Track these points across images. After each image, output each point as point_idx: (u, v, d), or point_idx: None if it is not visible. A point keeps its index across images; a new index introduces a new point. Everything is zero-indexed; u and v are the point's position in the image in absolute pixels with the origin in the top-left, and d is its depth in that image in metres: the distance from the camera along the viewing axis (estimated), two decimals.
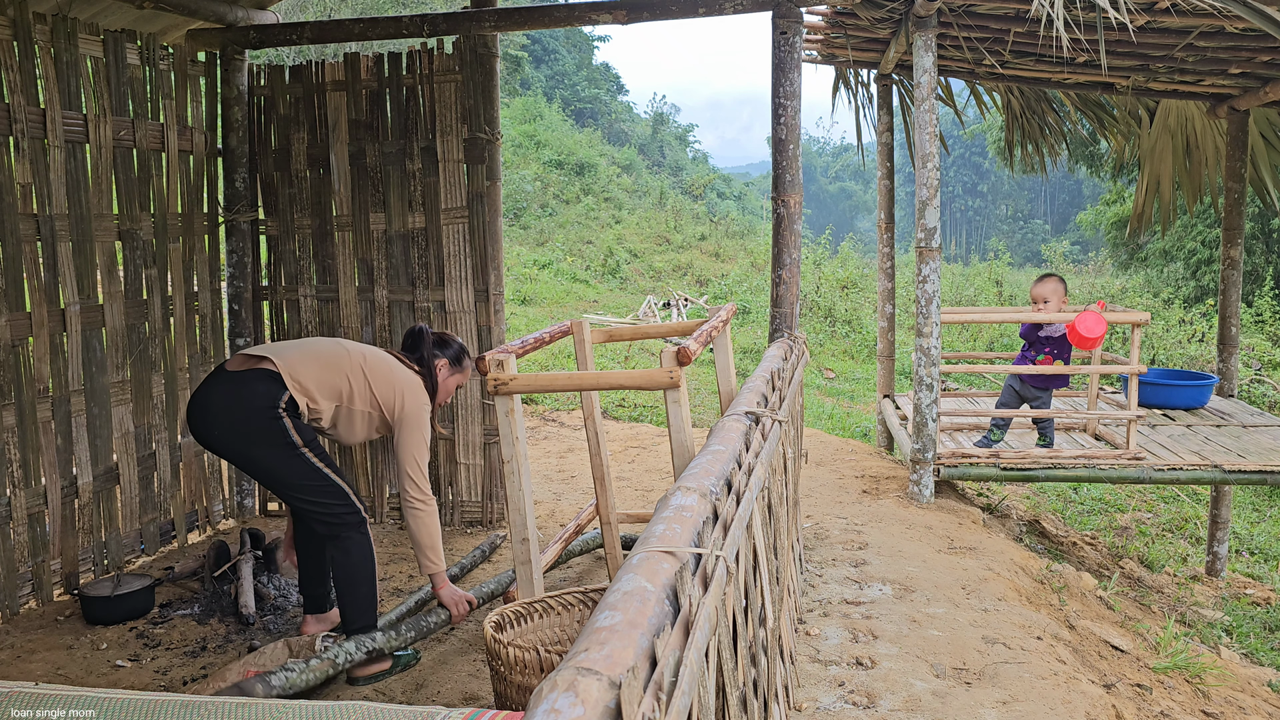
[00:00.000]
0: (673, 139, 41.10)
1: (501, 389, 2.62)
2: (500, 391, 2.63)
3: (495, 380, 2.63)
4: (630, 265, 16.54)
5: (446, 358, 3.42)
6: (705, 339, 2.80)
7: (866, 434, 8.00)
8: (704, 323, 3.15)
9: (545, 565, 3.05)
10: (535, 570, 2.76)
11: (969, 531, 4.43)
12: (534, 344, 3.15)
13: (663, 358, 2.48)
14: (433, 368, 3.34)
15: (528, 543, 2.73)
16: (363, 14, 15.78)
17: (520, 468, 2.69)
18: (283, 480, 3.00)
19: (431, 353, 3.37)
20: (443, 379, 3.40)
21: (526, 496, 2.71)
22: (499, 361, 2.67)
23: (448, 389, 3.46)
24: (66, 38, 3.71)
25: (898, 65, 6.13)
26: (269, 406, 2.92)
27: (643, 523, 4.07)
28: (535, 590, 2.77)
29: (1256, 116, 6.31)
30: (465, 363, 3.49)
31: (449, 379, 3.44)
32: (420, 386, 3.23)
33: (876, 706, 2.65)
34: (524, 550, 2.75)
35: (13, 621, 3.51)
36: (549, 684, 0.81)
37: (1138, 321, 4.72)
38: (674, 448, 2.56)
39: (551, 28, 5.64)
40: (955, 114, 6.70)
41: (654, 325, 3.38)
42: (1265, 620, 5.26)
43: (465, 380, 3.54)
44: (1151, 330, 12.43)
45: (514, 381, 2.62)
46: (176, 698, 1.74)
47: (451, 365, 3.44)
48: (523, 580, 2.78)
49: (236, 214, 4.65)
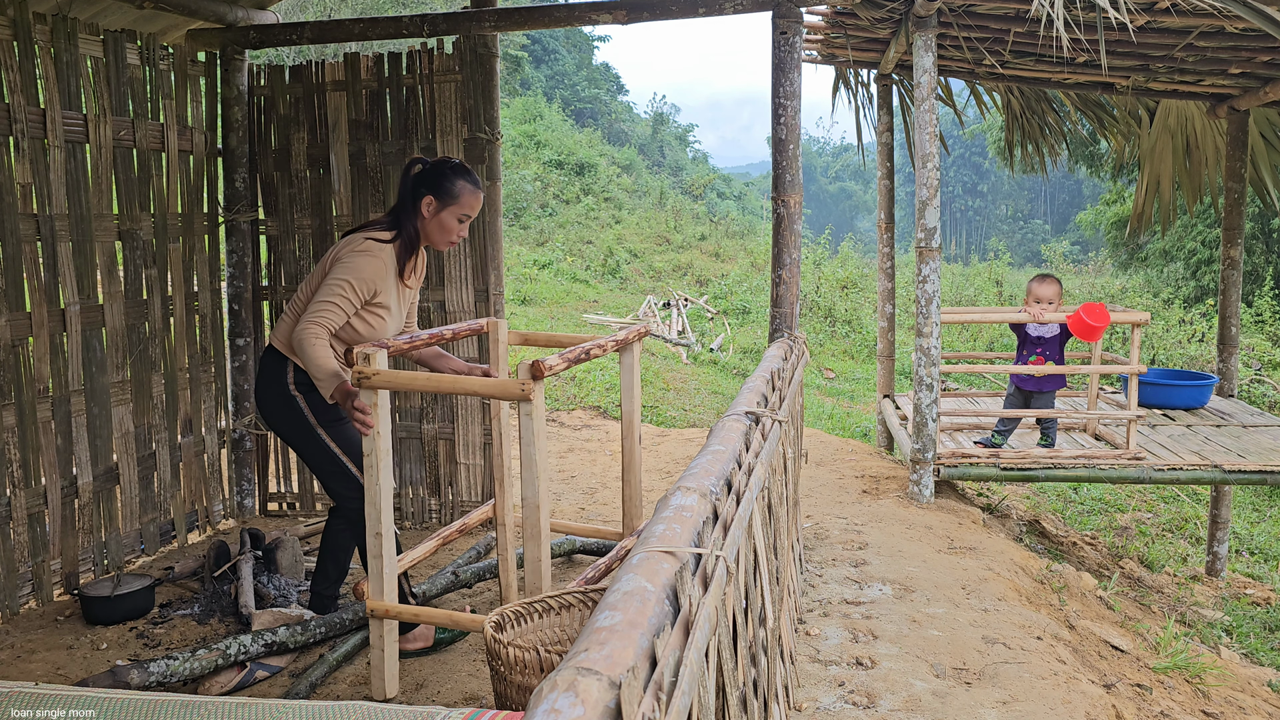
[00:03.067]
0: (673, 139, 41.11)
1: (365, 383, 2.67)
2: (364, 385, 2.67)
3: (359, 373, 2.66)
4: (630, 265, 16.54)
5: (433, 194, 2.96)
6: (574, 357, 2.74)
7: (866, 434, 8.00)
8: (588, 340, 2.95)
9: (409, 564, 3.03)
10: (387, 565, 2.78)
11: (969, 531, 4.43)
12: (423, 342, 3.00)
13: (518, 370, 2.53)
14: (412, 209, 2.98)
15: (380, 538, 2.77)
16: (363, 14, 15.78)
17: (379, 461, 2.72)
18: (305, 460, 3.09)
19: (409, 193, 2.97)
20: (430, 217, 2.98)
21: (385, 491, 2.74)
22: (366, 355, 2.68)
23: (444, 226, 3.00)
24: (66, 38, 3.71)
25: (898, 65, 6.13)
26: (278, 384, 2.98)
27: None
28: (385, 588, 2.78)
29: (1256, 116, 6.31)
30: (458, 186, 2.97)
31: (439, 214, 2.98)
32: (360, 241, 2.89)
33: (876, 706, 2.65)
34: (376, 544, 2.78)
35: (13, 621, 3.51)
36: (549, 684, 0.81)
37: (1138, 321, 4.73)
38: (523, 460, 2.60)
39: (551, 28, 5.65)
40: (955, 114, 6.71)
41: (566, 335, 3.32)
42: (1265, 620, 5.26)
43: (468, 208, 3.01)
44: (1151, 330, 12.43)
45: (377, 376, 2.66)
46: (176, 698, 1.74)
47: (440, 198, 2.97)
48: (373, 574, 2.81)
49: (236, 214, 4.65)
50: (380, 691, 2.84)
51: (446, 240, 3.04)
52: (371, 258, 2.89)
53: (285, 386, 3.00)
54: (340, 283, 2.84)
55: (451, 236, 3.03)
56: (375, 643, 2.84)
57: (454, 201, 2.99)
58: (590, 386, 8.37)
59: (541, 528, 2.63)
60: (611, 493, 5.45)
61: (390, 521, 2.79)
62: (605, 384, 8.39)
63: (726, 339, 12.35)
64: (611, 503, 5.22)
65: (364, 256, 2.88)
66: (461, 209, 3.01)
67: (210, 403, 4.57)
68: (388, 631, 2.83)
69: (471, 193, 3.02)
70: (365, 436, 2.72)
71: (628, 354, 3.22)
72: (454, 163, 3.03)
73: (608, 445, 6.82)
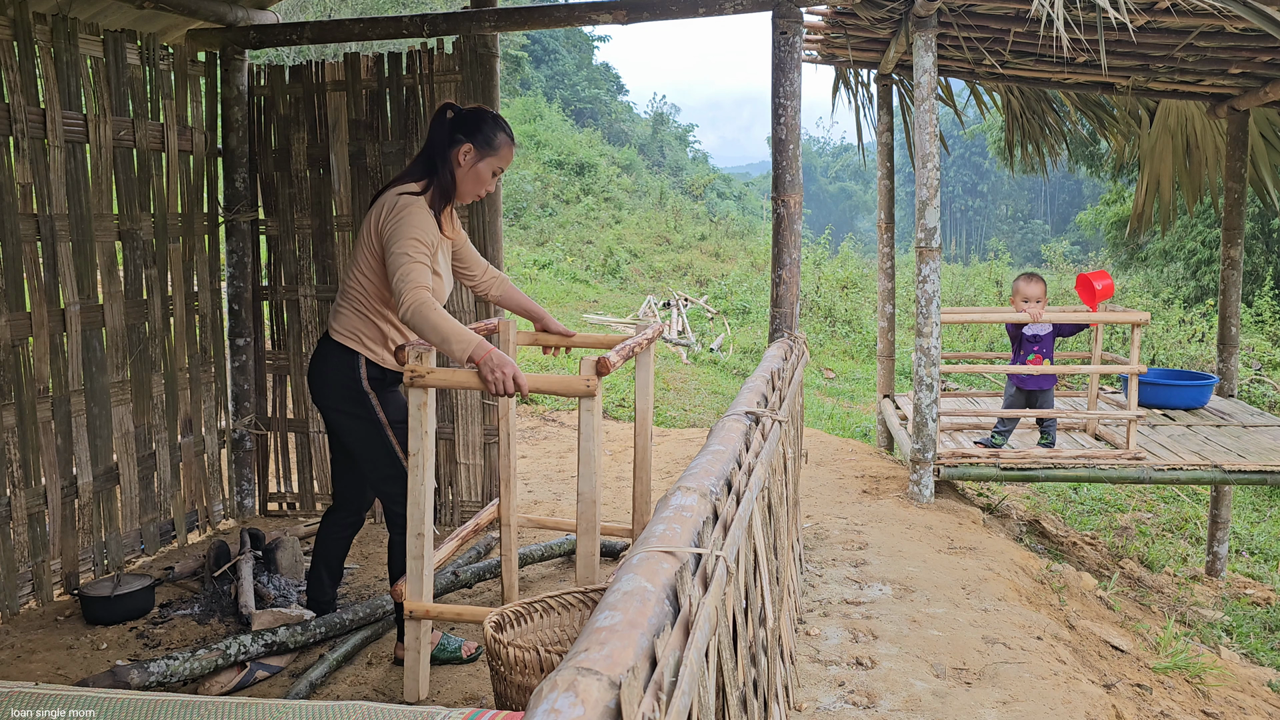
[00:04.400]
0: (673, 139, 41.12)
1: (418, 381, 2.60)
2: (415, 384, 2.61)
3: (412, 372, 2.59)
4: (630, 265, 16.54)
5: (471, 142, 2.84)
6: (627, 353, 2.80)
7: (866, 434, 8.00)
8: (628, 338, 3.04)
9: (439, 563, 3.01)
10: (426, 567, 2.74)
11: (969, 531, 4.43)
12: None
13: (582, 367, 2.51)
14: (446, 160, 2.85)
15: (422, 538, 2.72)
16: (363, 14, 15.78)
17: (425, 461, 2.67)
18: (361, 459, 3.01)
19: (446, 139, 2.84)
20: (467, 167, 2.86)
21: (428, 491, 2.69)
22: (419, 355, 2.62)
23: (480, 178, 2.89)
24: (66, 38, 3.71)
25: (898, 65, 6.13)
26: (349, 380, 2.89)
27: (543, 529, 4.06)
28: (424, 588, 2.74)
29: (1256, 116, 6.31)
30: (499, 138, 2.87)
31: (476, 165, 2.86)
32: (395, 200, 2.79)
33: (876, 706, 2.65)
34: (418, 545, 2.73)
35: (13, 621, 3.51)
36: (549, 684, 0.81)
37: (1138, 321, 4.72)
38: (580, 455, 2.58)
39: (551, 28, 5.65)
40: (955, 114, 6.71)
41: (584, 336, 3.33)
42: (1265, 620, 5.26)
43: (504, 161, 2.92)
44: (1151, 330, 12.43)
45: (431, 375, 2.61)
46: (176, 698, 1.74)
47: (479, 148, 2.86)
48: (412, 575, 2.75)
49: (236, 214, 4.65)
50: (413, 693, 2.81)
51: (475, 193, 2.92)
52: (419, 210, 2.77)
53: (358, 383, 2.88)
54: (408, 242, 2.69)
55: (482, 190, 2.92)
56: (410, 644, 2.79)
57: (493, 153, 2.88)
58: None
59: (596, 522, 2.61)
60: (611, 492, 5.45)
61: (431, 522, 2.74)
62: (605, 384, 8.39)
63: (726, 339, 12.35)
64: (612, 502, 5.22)
65: (411, 211, 2.75)
66: (500, 161, 2.90)
67: (210, 403, 4.57)
68: (424, 633, 2.78)
69: (509, 145, 2.92)
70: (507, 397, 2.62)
71: (644, 354, 3.23)
72: (493, 112, 2.92)
73: (608, 445, 6.82)
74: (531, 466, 6.16)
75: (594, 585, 2.66)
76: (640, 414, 3.30)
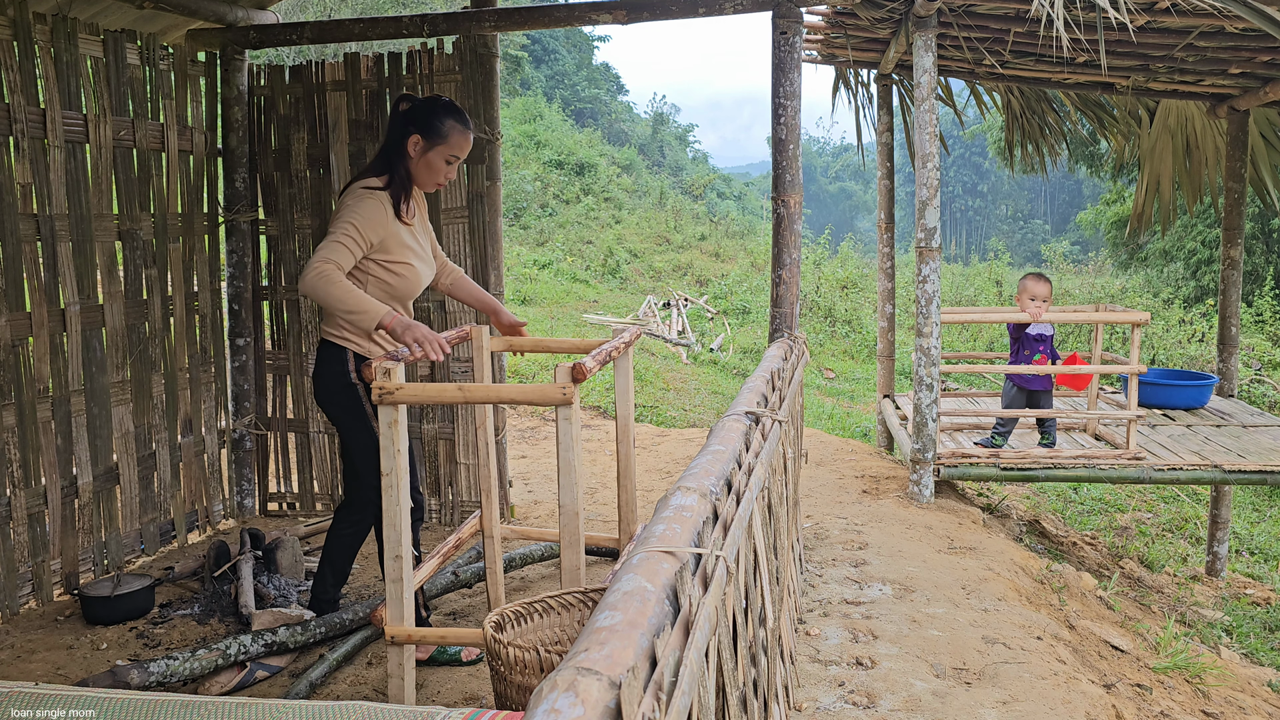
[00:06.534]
0: (673, 139, 41.11)
1: (387, 398, 2.43)
2: (385, 401, 2.43)
3: (380, 389, 2.43)
4: (630, 265, 16.54)
5: (419, 133, 2.86)
6: (604, 358, 2.68)
7: (866, 434, 8.00)
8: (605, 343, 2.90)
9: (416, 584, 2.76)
10: (406, 590, 2.57)
11: (969, 531, 4.43)
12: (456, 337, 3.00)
13: (557, 373, 2.39)
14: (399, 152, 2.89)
15: (400, 560, 2.55)
16: (363, 14, 15.78)
17: (398, 481, 2.49)
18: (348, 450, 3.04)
19: (398, 132, 2.87)
20: (417, 157, 2.89)
21: (404, 512, 2.52)
22: (386, 370, 2.44)
23: (432, 167, 2.91)
24: (66, 38, 3.71)
25: (898, 65, 6.13)
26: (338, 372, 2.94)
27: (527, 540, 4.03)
28: (405, 612, 2.57)
29: (1256, 116, 6.31)
30: (447, 125, 2.88)
31: (427, 154, 2.89)
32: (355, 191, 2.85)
33: (876, 706, 2.65)
34: (396, 568, 2.55)
35: (13, 621, 3.51)
36: (549, 684, 0.81)
37: (1138, 321, 4.73)
38: (560, 465, 2.46)
39: (551, 28, 5.65)
40: (955, 114, 6.71)
41: (555, 340, 3.24)
42: (1265, 620, 5.26)
43: (456, 149, 2.92)
44: (1151, 330, 12.43)
45: (400, 391, 2.43)
46: (176, 698, 1.74)
47: (428, 138, 2.87)
48: (392, 599, 2.58)
49: (236, 214, 4.65)
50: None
51: (434, 182, 2.95)
52: (368, 200, 2.83)
53: (346, 375, 2.94)
54: (343, 224, 2.77)
55: (439, 178, 2.94)
56: (394, 670, 2.63)
57: (441, 141, 2.89)
58: (589, 387, 8.37)
59: (579, 535, 2.52)
60: (611, 493, 5.46)
61: (409, 543, 2.58)
62: (605, 384, 8.38)
63: (726, 339, 12.35)
64: (611, 502, 5.22)
65: (360, 200, 2.82)
66: (450, 149, 2.91)
67: (210, 403, 4.57)
68: (407, 659, 2.64)
69: (461, 133, 2.91)
70: (431, 360, 2.62)
71: (623, 358, 3.10)
72: (444, 101, 2.93)
73: (607, 445, 6.82)
74: (531, 466, 6.16)
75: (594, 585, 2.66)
76: (621, 420, 3.18)
